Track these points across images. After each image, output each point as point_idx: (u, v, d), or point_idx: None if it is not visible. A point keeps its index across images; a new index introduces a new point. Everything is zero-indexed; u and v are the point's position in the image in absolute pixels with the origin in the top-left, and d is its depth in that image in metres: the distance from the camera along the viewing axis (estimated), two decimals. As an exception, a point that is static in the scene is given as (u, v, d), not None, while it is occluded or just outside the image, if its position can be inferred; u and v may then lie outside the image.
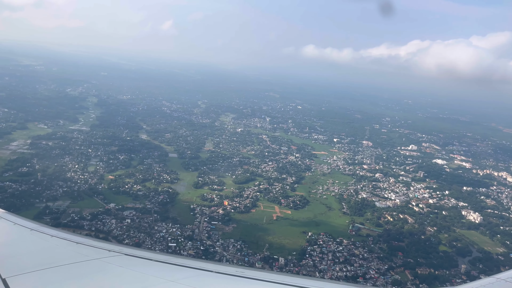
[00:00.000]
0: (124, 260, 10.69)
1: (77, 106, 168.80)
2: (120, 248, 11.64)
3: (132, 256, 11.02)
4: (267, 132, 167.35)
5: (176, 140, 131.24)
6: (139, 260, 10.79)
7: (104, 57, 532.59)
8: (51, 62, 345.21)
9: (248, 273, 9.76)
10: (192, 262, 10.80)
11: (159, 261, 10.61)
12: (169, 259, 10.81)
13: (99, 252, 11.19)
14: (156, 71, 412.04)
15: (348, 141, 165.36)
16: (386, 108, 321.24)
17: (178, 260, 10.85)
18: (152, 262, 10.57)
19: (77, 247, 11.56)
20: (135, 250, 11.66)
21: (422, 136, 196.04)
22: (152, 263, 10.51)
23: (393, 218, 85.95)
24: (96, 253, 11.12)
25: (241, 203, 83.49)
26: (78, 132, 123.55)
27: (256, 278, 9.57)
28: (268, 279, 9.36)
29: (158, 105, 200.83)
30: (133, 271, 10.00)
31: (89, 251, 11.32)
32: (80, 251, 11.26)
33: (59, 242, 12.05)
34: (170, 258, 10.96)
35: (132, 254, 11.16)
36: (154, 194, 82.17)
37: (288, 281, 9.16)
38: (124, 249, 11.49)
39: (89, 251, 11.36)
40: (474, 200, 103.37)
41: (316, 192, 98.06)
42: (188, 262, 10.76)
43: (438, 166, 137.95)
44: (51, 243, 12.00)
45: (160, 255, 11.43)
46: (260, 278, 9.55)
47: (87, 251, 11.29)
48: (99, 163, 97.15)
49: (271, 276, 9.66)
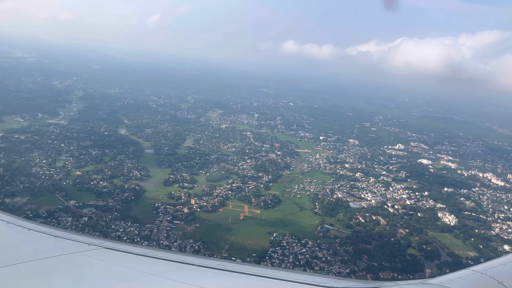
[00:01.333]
0: (104, 253, 10.50)
1: (60, 100, 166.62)
2: (100, 241, 11.45)
3: (112, 249, 10.83)
4: (253, 129, 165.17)
5: (156, 135, 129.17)
6: (119, 254, 10.62)
7: (101, 51, 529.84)
8: (44, 55, 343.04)
9: (230, 266, 9.67)
10: (174, 255, 10.80)
11: (140, 255, 10.45)
12: (151, 253, 10.68)
13: (78, 246, 10.93)
14: (151, 65, 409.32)
15: (334, 139, 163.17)
16: (381, 106, 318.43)
17: (160, 254, 10.70)
18: (133, 256, 10.41)
19: (55, 241, 11.30)
20: (115, 244, 11.51)
21: (412, 135, 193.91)
22: (133, 257, 10.35)
23: (365, 219, 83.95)
24: (75, 247, 10.87)
25: (209, 202, 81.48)
26: (55, 126, 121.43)
27: (238, 271, 9.48)
28: (250, 272, 9.32)
29: (145, 99, 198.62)
30: (113, 265, 9.85)
31: (68, 245, 11.08)
32: (58, 245, 11.01)
33: (37, 236, 11.75)
34: (152, 252, 10.83)
35: (112, 247, 10.96)
36: (120, 192, 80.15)
37: (270, 274, 9.13)
38: (105, 243, 11.31)
39: (68, 244, 11.13)
40: (453, 201, 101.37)
41: (290, 191, 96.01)
42: (169, 255, 10.65)
43: (423, 166, 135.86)
44: (29, 237, 11.69)
45: (141, 249, 11.28)
46: (242, 271, 9.47)
47: (66, 245, 11.05)
48: (69, 158, 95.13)
49: (252, 269, 9.60)
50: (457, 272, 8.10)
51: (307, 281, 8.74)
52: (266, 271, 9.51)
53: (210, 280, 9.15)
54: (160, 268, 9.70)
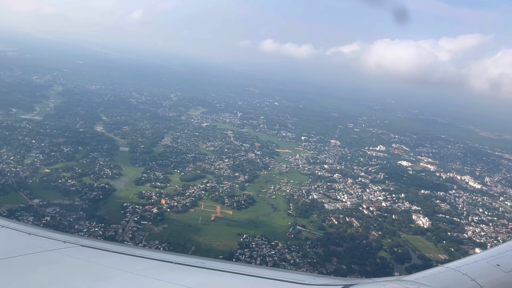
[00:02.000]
0: (80, 251, 10.26)
1: (38, 95, 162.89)
2: (76, 239, 11.21)
3: (88, 247, 10.63)
4: (234, 128, 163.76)
5: (133, 133, 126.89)
6: (96, 252, 10.37)
7: (87, 46, 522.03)
8: (27, 48, 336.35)
9: (208, 264, 9.58)
10: (152, 253, 10.59)
11: (118, 252, 10.31)
12: (128, 250, 10.56)
13: (53, 243, 10.67)
14: (137, 62, 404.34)
15: (316, 140, 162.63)
16: (367, 107, 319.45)
17: (138, 251, 10.56)
18: (110, 253, 10.22)
19: (29, 238, 11.01)
20: (92, 241, 11.45)
21: (395, 136, 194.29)
22: (110, 254, 10.18)
23: (338, 221, 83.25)
24: (50, 244, 10.58)
25: (180, 202, 79.89)
26: (28, 122, 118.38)
27: (217, 268, 9.36)
28: (229, 270, 9.26)
29: (127, 96, 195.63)
30: (89, 263, 9.63)
31: (43, 242, 10.73)
32: (32, 242, 10.66)
33: (10, 233, 11.41)
34: (129, 249, 10.75)
35: (89, 245, 10.77)
36: (88, 190, 78.10)
37: (249, 272, 9.08)
38: (80, 240, 11.08)
39: (43, 242, 10.78)
40: (429, 204, 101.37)
41: (266, 192, 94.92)
42: (147, 253, 10.47)
43: (402, 168, 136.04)
44: (1, 234, 11.43)
45: (118, 246, 11.07)
46: (221, 268, 9.36)
47: (40, 242, 10.70)
48: (38, 155, 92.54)
49: (232, 267, 9.54)
50: (432, 269, 8.17)
51: (286, 279, 8.75)
52: (245, 268, 9.49)
53: (189, 277, 9.07)
54: (138, 266, 9.55)
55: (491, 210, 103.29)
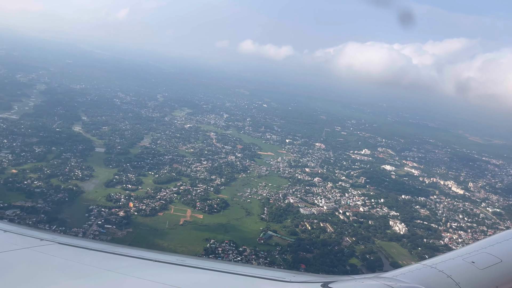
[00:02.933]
0: (57, 249, 10.05)
1: (18, 93, 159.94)
2: (53, 236, 10.99)
3: (66, 245, 10.45)
4: (218, 129, 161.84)
5: (112, 134, 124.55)
6: (74, 249, 10.22)
7: (78, 45, 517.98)
8: (15, 47, 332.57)
9: (189, 262, 9.58)
10: (131, 251, 10.33)
11: (96, 250, 10.12)
12: (107, 248, 10.40)
13: (29, 241, 10.40)
14: (128, 62, 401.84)
15: (300, 143, 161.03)
16: (357, 110, 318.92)
17: (117, 249, 10.39)
18: (88, 251, 9.98)
19: (4, 236, 10.83)
20: (70, 239, 11.20)
21: (382, 140, 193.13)
22: (89, 252, 9.93)
23: (312, 226, 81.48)
24: (26, 242, 10.31)
25: (149, 205, 77.82)
26: (3, 121, 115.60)
27: (197, 266, 9.36)
28: (209, 267, 9.22)
29: (111, 96, 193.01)
30: (67, 261, 9.46)
31: (19, 240, 10.49)
32: (8, 240, 10.56)
33: None
34: (108, 247, 10.55)
35: (66, 242, 10.58)
36: (54, 192, 75.82)
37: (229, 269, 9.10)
38: (58, 238, 10.84)
39: (19, 239, 10.54)
40: (408, 209, 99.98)
41: (241, 195, 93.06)
42: (127, 251, 10.27)
43: (385, 172, 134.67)
44: None
45: (97, 244, 10.87)
46: (201, 266, 9.34)
47: (16, 240, 10.49)
48: (8, 155, 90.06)
49: (212, 264, 9.52)
50: (409, 266, 8.28)
51: (265, 276, 8.81)
52: (225, 266, 9.44)
53: (169, 275, 8.98)
54: (118, 264, 9.40)
55: (471, 216, 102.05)
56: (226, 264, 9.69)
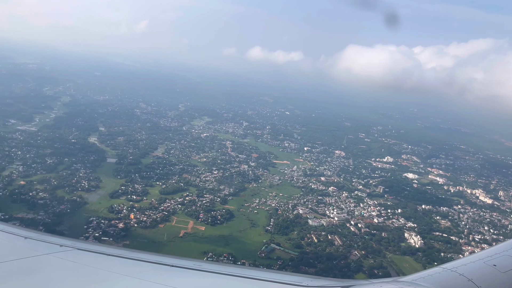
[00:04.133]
0: (76, 255, 10.31)
1: (42, 106, 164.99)
2: (73, 242, 11.20)
3: (85, 250, 10.68)
4: (236, 138, 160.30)
5: (126, 144, 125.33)
6: (92, 255, 10.47)
7: (109, 58, 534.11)
8: (48, 61, 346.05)
9: (205, 267, 9.63)
10: (149, 256, 10.41)
11: (114, 255, 10.30)
12: (124, 253, 10.57)
13: (49, 247, 10.71)
14: (156, 73, 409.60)
15: (319, 150, 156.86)
16: (385, 116, 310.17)
17: (134, 254, 10.55)
18: (106, 257, 10.21)
19: (26, 242, 11.11)
20: (88, 245, 11.51)
21: (407, 147, 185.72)
22: (107, 258, 10.15)
23: (319, 238, 77.74)
24: (46, 248, 10.63)
25: (151, 217, 76.64)
26: (22, 133, 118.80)
27: (214, 271, 9.45)
28: (226, 272, 9.24)
29: (133, 106, 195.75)
30: (86, 266, 9.72)
31: (39, 246, 10.80)
32: (29, 246, 10.82)
33: (6, 237, 11.51)
34: (125, 252, 10.72)
35: (85, 248, 10.82)
36: (56, 204, 76.08)
37: (246, 274, 9.16)
38: (77, 244, 11.06)
39: (39, 246, 10.86)
40: (427, 220, 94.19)
41: (249, 206, 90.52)
42: (144, 256, 10.37)
43: (407, 180, 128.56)
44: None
45: (115, 249, 11.11)
46: (218, 271, 9.45)
47: (36, 246, 10.78)
48: (19, 167, 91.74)
49: (229, 269, 9.54)
50: (429, 269, 8.26)
51: (283, 280, 8.83)
52: (243, 270, 9.54)
53: (186, 280, 9.18)
54: (135, 269, 9.62)
55: (498, 228, 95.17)
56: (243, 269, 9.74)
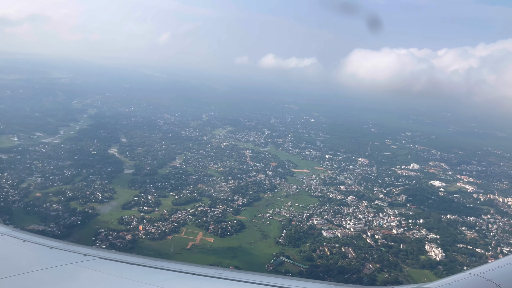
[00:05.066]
0: (100, 264, 10.50)
1: (69, 118, 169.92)
2: (96, 251, 11.43)
3: (108, 259, 10.85)
4: (256, 147, 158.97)
5: (145, 154, 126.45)
6: (115, 264, 10.59)
7: (140, 70, 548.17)
8: (80, 75, 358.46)
9: (227, 274, 9.68)
10: (170, 264, 10.52)
11: (136, 264, 10.42)
12: (147, 262, 10.64)
13: (74, 257, 10.92)
14: (183, 83, 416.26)
15: (342, 158, 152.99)
16: (415, 122, 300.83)
17: (156, 263, 10.63)
18: (129, 266, 10.33)
19: (51, 252, 11.39)
20: (111, 254, 11.59)
21: (436, 153, 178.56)
22: (129, 267, 10.28)
23: (331, 251, 74.71)
24: (71, 258, 10.86)
25: (160, 228, 76.08)
26: (45, 145, 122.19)
27: (236, 279, 9.47)
28: (248, 280, 9.28)
29: (156, 117, 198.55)
30: (109, 275, 9.88)
31: (64, 256, 11.05)
32: (54, 256, 11.06)
33: (32, 247, 11.83)
34: (148, 261, 10.79)
35: (108, 257, 10.99)
36: (68, 215, 76.96)
37: (267, 281, 9.12)
38: (100, 253, 11.30)
39: (64, 255, 11.10)
40: (451, 231, 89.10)
41: (261, 217, 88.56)
42: (166, 264, 10.49)
43: (432, 188, 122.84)
44: (24, 248, 11.77)
45: (137, 258, 11.07)
46: (240, 279, 9.45)
47: (61, 256, 11.04)
48: (37, 179, 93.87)
49: (250, 277, 9.53)
50: (455, 275, 8.17)
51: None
52: (264, 278, 9.48)
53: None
54: (157, 277, 9.67)
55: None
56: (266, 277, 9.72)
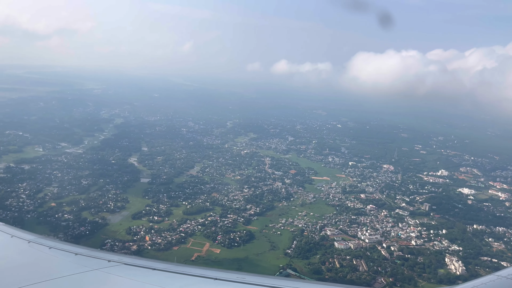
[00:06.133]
0: (123, 269, 10.74)
1: (95, 128, 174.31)
2: (120, 257, 11.64)
3: (131, 265, 11.07)
4: (277, 154, 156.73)
5: (164, 163, 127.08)
6: (139, 269, 10.81)
7: (171, 79, 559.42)
8: (113, 85, 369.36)
9: (249, 279, 9.72)
10: (193, 269, 10.67)
11: (159, 270, 10.60)
12: (169, 267, 10.80)
13: (98, 263, 11.21)
14: (212, 91, 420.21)
15: (366, 165, 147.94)
16: (449, 125, 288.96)
17: (179, 268, 10.78)
18: (152, 271, 10.52)
19: (76, 258, 11.67)
20: (135, 259, 11.72)
21: (469, 158, 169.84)
22: (152, 272, 10.47)
23: (342, 263, 71.36)
24: (95, 264, 11.15)
25: (166, 239, 75.44)
26: (67, 155, 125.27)
27: (257, 283, 9.48)
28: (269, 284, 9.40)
29: (181, 125, 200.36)
30: (132, 281, 10.11)
31: (88, 262, 11.33)
32: (79, 262, 11.31)
33: (58, 254, 12.21)
34: (170, 266, 10.95)
35: (132, 263, 11.20)
36: (78, 225, 77.82)
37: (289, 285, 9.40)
38: (124, 259, 11.53)
39: (88, 261, 11.37)
40: (476, 243, 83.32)
41: (273, 227, 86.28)
42: (188, 269, 10.65)
43: (460, 196, 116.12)
44: (50, 255, 12.17)
45: (160, 264, 11.22)
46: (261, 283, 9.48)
47: (86, 262, 11.31)
48: (54, 189, 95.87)
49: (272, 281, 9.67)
50: (483, 277, 8.11)
51: None
52: (287, 282, 9.74)
53: None
54: (180, 283, 9.91)
55: None
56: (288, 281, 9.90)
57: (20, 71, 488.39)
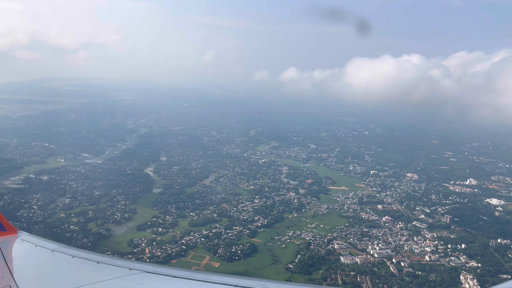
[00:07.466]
0: (145, 277, 10.90)
1: (118, 139, 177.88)
2: (141, 265, 11.83)
3: (153, 273, 11.23)
4: (296, 162, 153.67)
5: (179, 173, 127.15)
6: (160, 277, 10.95)
7: (204, 88, 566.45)
8: (143, 96, 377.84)
9: (269, 285, 9.89)
10: (213, 276, 10.69)
11: (181, 277, 10.67)
12: (191, 275, 10.91)
13: (120, 271, 11.39)
14: (242, 100, 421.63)
15: (389, 174, 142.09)
16: (486, 131, 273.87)
17: (200, 276, 10.90)
18: (173, 279, 10.62)
19: (98, 267, 11.92)
20: (156, 267, 11.87)
21: (503, 166, 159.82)
22: (174, 280, 10.57)
23: (344, 280, 67.72)
24: (117, 272, 11.33)
25: (166, 252, 74.54)
26: (86, 166, 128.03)
27: None
28: None
29: (203, 134, 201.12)
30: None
31: (110, 270, 11.55)
32: (101, 271, 11.58)
33: (80, 262, 12.47)
34: (192, 274, 11.06)
35: (153, 271, 11.37)
36: (82, 236, 78.49)
37: None
38: (145, 267, 11.72)
39: (110, 270, 11.61)
40: (497, 259, 77.08)
41: (278, 239, 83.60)
42: (209, 277, 10.69)
43: (487, 208, 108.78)
44: (73, 264, 12.42)
45: (182, 271, 11.28)
46: None
47: (108, 270, 11.54)
48: (67, 200, 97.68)
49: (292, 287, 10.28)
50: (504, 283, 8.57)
51: None
52: None
53: None
54: None
55: None
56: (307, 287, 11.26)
57: (58, 84, 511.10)
